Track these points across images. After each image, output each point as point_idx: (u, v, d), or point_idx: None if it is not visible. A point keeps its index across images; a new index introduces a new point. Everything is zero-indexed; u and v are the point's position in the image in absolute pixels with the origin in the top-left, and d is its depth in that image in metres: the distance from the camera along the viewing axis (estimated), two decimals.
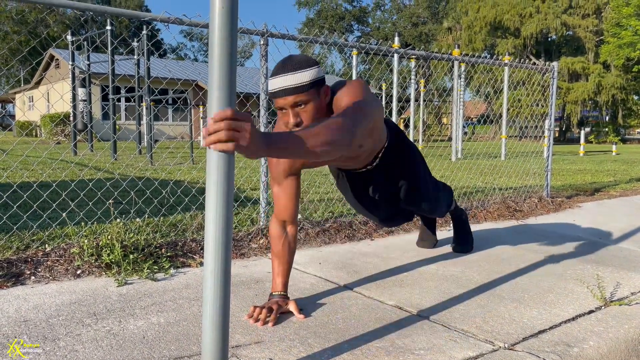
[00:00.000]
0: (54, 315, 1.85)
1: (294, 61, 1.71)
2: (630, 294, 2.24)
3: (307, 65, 1.71)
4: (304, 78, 1.69)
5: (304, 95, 1.69)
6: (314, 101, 1.71)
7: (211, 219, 1.25)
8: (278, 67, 1.72)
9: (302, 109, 1.71)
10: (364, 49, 3.80)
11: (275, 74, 1.71)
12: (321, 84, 1.75)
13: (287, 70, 1.69)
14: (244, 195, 4.49)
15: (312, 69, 1.71)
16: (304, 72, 1.69)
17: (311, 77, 1.70)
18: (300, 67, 1.70)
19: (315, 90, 1.72)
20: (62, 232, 2.88)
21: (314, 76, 1.71)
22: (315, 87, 1.71)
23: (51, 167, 6.74)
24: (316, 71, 1.72)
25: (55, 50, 22.12)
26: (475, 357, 1.59)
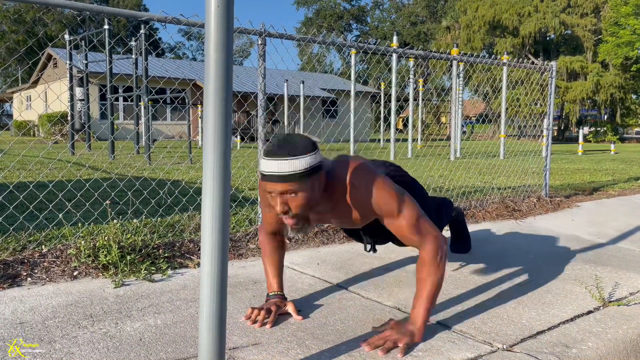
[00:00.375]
0: (50, 317, 1.84)
1: (290, 145, 1.56)
2: (629, 294, 2.24)
3: (304, 151, 1.56)
4: (297, 166, 1.54)
5: (295, 184, 1.55)
6: (306, 190, 1.58)
7: (207, 220, 1.24)
8: (273, 148, 1.56)
9: (292, 197, 1.57)
10: (362, 48, 3.79)
11: (268, 154, 1.56)
12: (317, 171, 1.60)
13: (280, 155, 1.54)
14: (241, 195, 4.48)
15: (309, 156, 1.56)
16: (298, 159, 1.54)
17: (306, 166, 1.55)
18: (296, 152, 1.54)
19: (309, 179, 1.57)
20: (58, 233, 2.86)
21: (310, 164, 1.56)
22: (309, 175, 1.57)
23: (48, 167, 6.72)
24: (312, 158, 1.57)
25: (52, 50, 22.07)
26: (474, 359, 1.58)
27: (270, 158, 1.55)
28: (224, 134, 1.22)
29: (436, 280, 1.71)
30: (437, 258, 1.71)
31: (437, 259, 1.71)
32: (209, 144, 1.22)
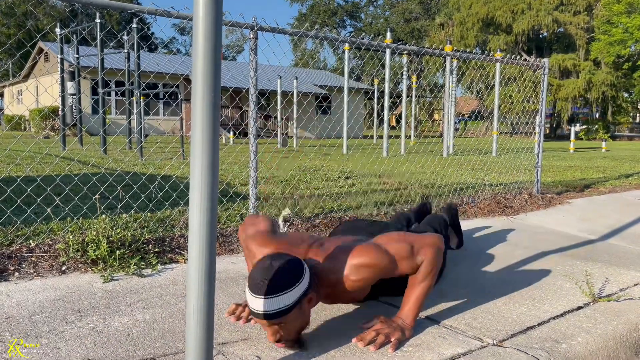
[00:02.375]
0: (37, 312, 1.82)
1: (273, 279, 1.46)
2: (619, 290, 2.25)
3: (290, 284, 1.48)
4: (283, 303, 1.46)
5: (285, 318, 1.48)
6: (296, 319, 1.51)
7: (195, 215, 1.23)
8: (257, 282, 1.47)
9: (281, 327, 1.51)
10: (356, 43, 3.78)
11: (253, 290, 1.47)
12: (305, 297, 1.52)
13: (264, 292, 1.45)
14: (233, 191, 4.45)
15: (295, 287, 1.48)
16: (284, 295, 1.46)
17: (292, 300, 1.47)
18: (281, 288, 1.46)
19: (297, 309, 1.50)
20: (47, 228, 2.83)
21: (297, 296, 1.48)
22: (297, 306, 1.49)
23: (36, 161, 6.66)
24: (299, 288, 1.49)
25: (43, 43, 21.86)
26: (464, 354, 1.58)
27: (256, 296, 1.46)
28: (212, 127, 1.21)
29: (430, 284, 1.73)
30: (433, 264, 1.72)
31: (434, 265, 1.72)
32: (197, 136, 1.21)
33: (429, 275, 1.72)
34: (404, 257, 1.69)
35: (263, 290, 1.45)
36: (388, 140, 10.11)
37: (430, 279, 1.72)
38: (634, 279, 2.40)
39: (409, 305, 1.71)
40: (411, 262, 1.70)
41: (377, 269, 1.66)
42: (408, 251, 1.70)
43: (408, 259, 1.69)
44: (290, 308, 1.48)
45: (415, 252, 1.71)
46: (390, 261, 1.67)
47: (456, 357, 1.56)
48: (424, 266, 1.71)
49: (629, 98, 30.47)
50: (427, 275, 1.71)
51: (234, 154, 8.68)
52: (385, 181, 5.52)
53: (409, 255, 1.70)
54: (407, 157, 8.98)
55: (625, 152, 14.20)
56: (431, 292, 1.76)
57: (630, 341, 1.82)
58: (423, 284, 1.72)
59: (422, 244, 1.73)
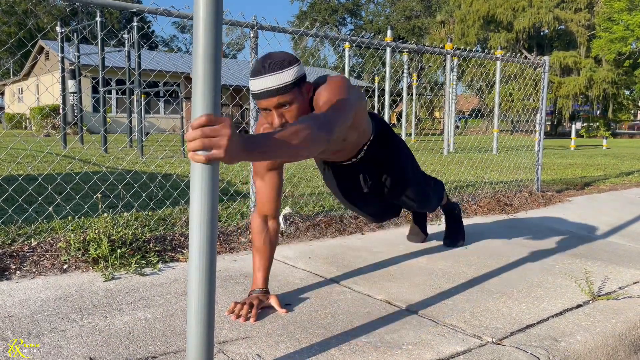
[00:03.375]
0: (39, 311, 1.83)
1: (274, 60, 1.65)
2: (618, 288, 2.25)
3: (289, 63, 1.65)
4: (286, 78, 1.63)
5: (288, 95, 1.64)
6: (298, 100, 1.67)
7: (195, 213, 1.24)
8: (258, 67, 1.65)
9: (286, 109, 1.67)
10: (356, 42, 3.78)
11: (256, 74, 1.65)
12: (303, 82, 1.71)
13: (268, 71, 1.63)
14: (233, 189, 4.46)
15: (294, 67, 1.66)
16: (286, 71, 1.64)
17: (293, 76, 1.65)
18: (282, 66, 1.64)
19: (298, 89, 1.67)
20: (48, 226, 2.84)
21: (296, 74, 1.66)
22: (297, 85, 1.67)
23: (37, 159, 6.67)
24: (297, 69, 1.67)
25: (44, 42, 21.86)
26: (463, 352, 1.59)
27: (259, 77, 1.63)
28: None
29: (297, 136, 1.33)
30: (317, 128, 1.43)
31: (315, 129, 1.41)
32: None
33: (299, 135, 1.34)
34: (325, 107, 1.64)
35: (266, 71, 1.63)
36: None
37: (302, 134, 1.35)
38: (633, 277, 2.41)
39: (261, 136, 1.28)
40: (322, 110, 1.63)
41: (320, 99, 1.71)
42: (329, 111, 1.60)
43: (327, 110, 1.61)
44: (293, 83, 1.65)
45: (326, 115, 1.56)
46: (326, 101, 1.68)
47: (455, 356, 1.57)
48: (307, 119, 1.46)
49: (630, 96, 30.42)
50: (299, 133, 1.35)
51: None
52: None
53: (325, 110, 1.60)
54: None
55: (626, 150, 14.19)
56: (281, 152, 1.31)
57: (629, 339, 1.82)
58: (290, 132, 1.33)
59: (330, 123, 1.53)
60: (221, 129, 1.12)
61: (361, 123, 2.01)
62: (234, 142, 1.13)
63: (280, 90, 1.63)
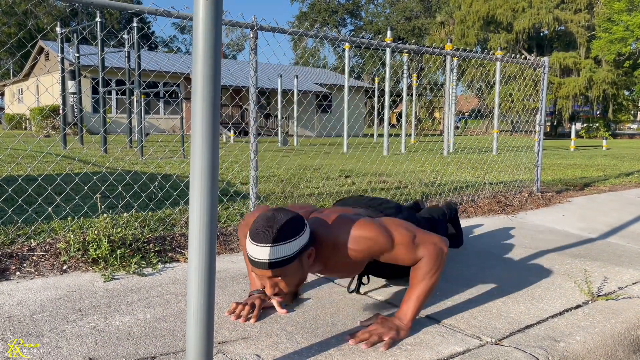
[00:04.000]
0: (39, 311, 1.83)
1: (276, 228, 1.50)
2: (618, 288, 2.25)
3: (292, 234, 1.52)
4: (284, 253, 1.51)
5: (285, 269, 1.54)
6: (296, 272, 1.57)
7: (195, 214, 1.24)
8: (259, 230, 1.51)
9: (281, 279, 1.56)
10: (356, 42, 3.78)
11: (255, 239, 1.51)
12: (306, 250, 1.59)
13: (267, 240, 1.49)
14: (233, 189, 4.46)
15: (297, 238, 1.54)
16: (287, 244, 1.51)
17: (294, 250, 1.53)
18: (284, 237, 1.50)
19: (298, 260, 1.56)
20: (48, 227, 2.84)
21: (297, 248, 1.54)
22: (298, 258, 1.55)
23: (37, 160, 6.67)
24: (300, 240, 1.55)
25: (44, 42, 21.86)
26: (463, 352, 1.59)
27: (258, 244, 1.51)
28: (212, 128, 1.21)
29: (431, 284, 1.71)
30: (436, 264, 1.70)
31: (436, 265, 1.71)
32: (197, 136, 1.22)
33: (428, 274, 1.70)
34: (404, 243, 1.69)
35: (266, 239, 1.50)
36: (388, 139, 10.11)
37: (430, 278, 1.70)
38: (632, 278, 2.41)
39: (408, 305, 1.70)
40: (410, 252, 1.70)
41: (375, 245, 1.67)
42: (409, 239, 1.70)
43: (407, 247, 1.69)
44: (292, 258, 1.53)
45: (416, 243, 1.70)
46: (390, 242, 1.67)
47: (455, 356, 1.57)
48: (425, 263, 1.70)
49: (630, 96, 30.43)
50: (426, 274, 1.70)
51: (234, 152, 8.69)
52: (385, 180, 5.53)
53: (409, 244, 1.69)
54: (408, 156, 8.98)
55: (626, 151, 14.19)
56: (432, 293, 1.74)
57: (629, 340, 1.82)
58: (423, 284, 1.70)
59: (426, 239, 1.73)
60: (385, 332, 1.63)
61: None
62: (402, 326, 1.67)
63: (276, 265, 1.51)
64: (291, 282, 1.59)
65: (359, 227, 1.67)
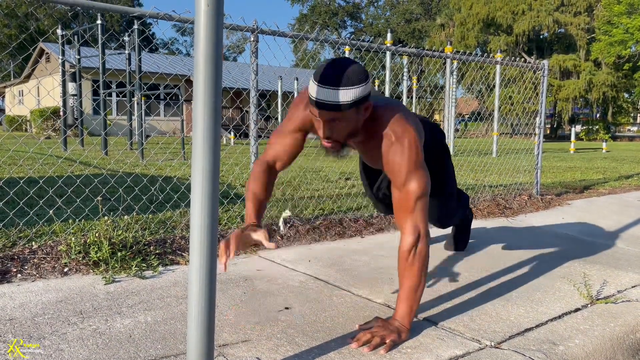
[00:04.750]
0: (40, 314, 1.84)
1: (341, 73, 1.54)
2: (617, 292, 2.26)
3: (355, 81, 1.55)
4: (347, 97, 1.55)
5: (342, 114, 1.58)
6: (351, 119, 1.61)
7: (196, 216, 1.25)
8: (325, 73, 1.55)
9: (336, 123, 1.61)
10: (356, 45, 3.79)
11: (319, 80, 1.55)
12: (365, 100, 1.61)
13: (331, 83, 1.54)
14: (233, 192, 4.47)
15: (359, 86, 1.56)
16: (349, 90, 1.54)
17: (356, 97, 1.56)
18: (347, 83, 1.54)
19: (356, 108, 1.59)
20: (49, 229, 2.85)
21: (359, 95, 1.57)
22: (357, 106, 1.59)
23: (39, 162, 6.68)
24: (363, 89, 1.57)
25: (45, 44, 21.91)
26: (462, 356, 1.60)
27: (324, 86, 1.54)
28: (214, 127, 1.22)
29: (415, 276, 1.67)
30: (411, 252, 1.67)
31: (412, 254, 1.67)
32: (198, 140, 1.23)
33: (407, 261, 1.67)
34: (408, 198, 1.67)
35: (332, 81, 1.54)
36: None
37: (410, 268, 1.67)
38: (632, 281, 2.42)
39: (404, 305, 1.70)
40: (406, 206, 1.67)
41: (395, 167, 1.68)
42: (417, 195, 1.67)
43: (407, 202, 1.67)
44: (353, 104, 1.56)
45: (415, 205, 1.67)
46: (405, 180, 1.67)
47: (454, 359, 1.57)
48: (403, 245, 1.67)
49: (630, 98, 30.46)
50: (404, 260, 1.67)
51: (234, 155, 8.70)
52: None
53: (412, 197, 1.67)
54: None
55: (626, 153, 14.20)
56: (423, 289, 1.72)
57: (628, 343, 1.83)
58: (407, 275, 1.67)
59: (422, 218, 1.68)
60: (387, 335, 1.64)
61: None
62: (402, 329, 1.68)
63: (337, 107, 1.56)
64: (345, 129, 1.62)
65: (406, 137, 1.68)
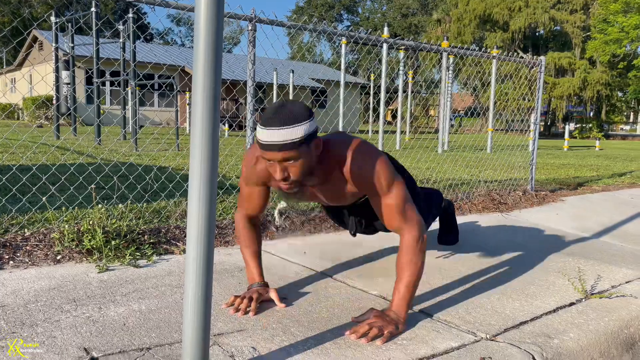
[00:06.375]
0: (32, 301, 1.82)
1: (286, 113, 1.59)
2: (611, 287, 2.27)
3: (301, 119, 1.59)
4: (295, 135, 1.57)
5: (295, 152, 1.59)
6: (304, 157, 1.63)
7: (194, 205, 1.23)
8: (269, 117, 1.59)
9: (291, 164, 1.62)
10: (353, 37, 3.77)
11: (265, 124, 1.59)
12: (313, 137, 1.65)
13: (277, 124, 1.57)
14: (229, 183, 4.45)
15: (305, 123, 1.60)
16: (295, 128, 1.58)
17: (303, 133, 1.59)
18: (292, 121, 1.58)
19: (306, 145, 1.62)
20: (42, 217, 2.82)
21: (306, 132, 1.60)
22: (307, 142, 1.62)
23: (31, 150, 6.62)
24: (309, 125, 1.61)
25: (38, 32, 21.66)
26: (458, 348, 1.60)
27: (269, 128, 1.58)
28: (212, 118, 1.21)
29: (417, 269, 1.74)
30: (417, 245, 1.75)
31: (418, 246, 1.75)
32: (197, 127, 1.21)
33: (414, 252, 1.74)
34: (396, 200, 1.75)
35: (277, 123, 1.58)
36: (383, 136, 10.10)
37: (417, 260, 1.74)
38: (625, 276, 2.43)
39: (400, 296, 1.72)
40: (395, 214, 1.75)
41: (375, 178, 1.72)
42: (402, 202, 1.75)
43: (396, 207, 1.75)
44: (302, 140, 1.60)
45: (404, 210, 1.75)
46: (387, 187, 1.73)
47: (450, 351, 1.57)
48: (408, 239, 1.75)
49: (623, 97, 30.61)
50: (412, 251, 1.74)
51: (230, 146, 8.66)
52: None
53: (399, 206, 1.75)
54: (402, 153, 8.99)
55: (619, 151, 14.29)
56: (419, 281, 1.76)
57: (621, 337, 1.84)
58: (411, 267, 1.73)
59: (414, 216, 1.77)
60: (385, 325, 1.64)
61: None
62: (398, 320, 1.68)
63: (287, 146, 1.58)
64: (300, 167, 1.64)
65: (375, 157, 1.74)
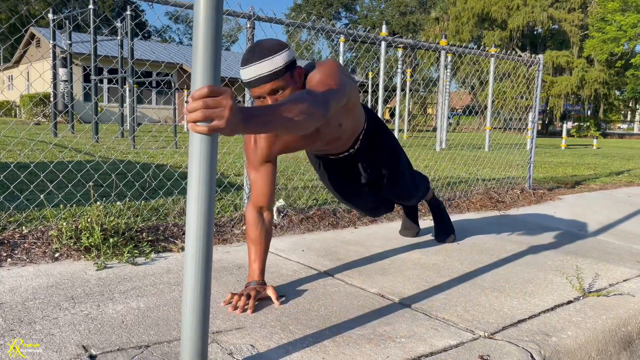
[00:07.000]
0: (30, 299, 1.82)
1: (264, 47, 1.65)
2: (609, 285, 2.28)
3: (279, 49, 1.66)
4: (278, 63, 1.64)
5: (281, 80, 1.66)
6: (290, 85, 1.68)
7: (193, 202, 1.23)
8: (248, 55, 1.66)
9: (280, 94, 1.68)
10: (352, 35, 3.77)
11: (246, 63, 1.65)
12: (294, 66, 1.72)
13: (259, 58, 1.63)
14: (227, 180, 4.44)
15: (284, 52, 1.67)
16: (276, 56, 1.64)
17: (285, 61, 1.66)
18: (272, 52, 1.65)
19: (290, 74, 1.69)
20: (40, 214, 2.82)
21: (287, 59, 1.67)
22: (289, 70, 1.68)
23: (29, 147, 6.60)
24: (288, 53, 1.68)
25: (35, 29, 21.59)
26: (456, 346, 1.60)
27: (251, 64, 1.64)
28: None
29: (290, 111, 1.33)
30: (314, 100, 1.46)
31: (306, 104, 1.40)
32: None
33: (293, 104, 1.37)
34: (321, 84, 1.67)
35: (255, 58, 1.63)
36: None
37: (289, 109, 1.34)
38: (623, 275, 2.44)
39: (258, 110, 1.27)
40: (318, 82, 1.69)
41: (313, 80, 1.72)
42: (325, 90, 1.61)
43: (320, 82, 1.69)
44: (284, 68, 1.65)
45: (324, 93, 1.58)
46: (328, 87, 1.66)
47: (448, 349, 1.58)
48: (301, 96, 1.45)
49: (621, 96, 30.65)
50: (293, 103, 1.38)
51: (227, 144, 8.65)
52: None
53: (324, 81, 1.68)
54: None
55: (616, 150, 14.32)
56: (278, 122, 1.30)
57: (619, 336, 1.85)
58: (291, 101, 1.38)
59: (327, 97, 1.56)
60: (223, 100, 1.12)
61: (355, 106, 2.01)
62: (235, 113, 1.14)
63: (272, 75, 1.64)
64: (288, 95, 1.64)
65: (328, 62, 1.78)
